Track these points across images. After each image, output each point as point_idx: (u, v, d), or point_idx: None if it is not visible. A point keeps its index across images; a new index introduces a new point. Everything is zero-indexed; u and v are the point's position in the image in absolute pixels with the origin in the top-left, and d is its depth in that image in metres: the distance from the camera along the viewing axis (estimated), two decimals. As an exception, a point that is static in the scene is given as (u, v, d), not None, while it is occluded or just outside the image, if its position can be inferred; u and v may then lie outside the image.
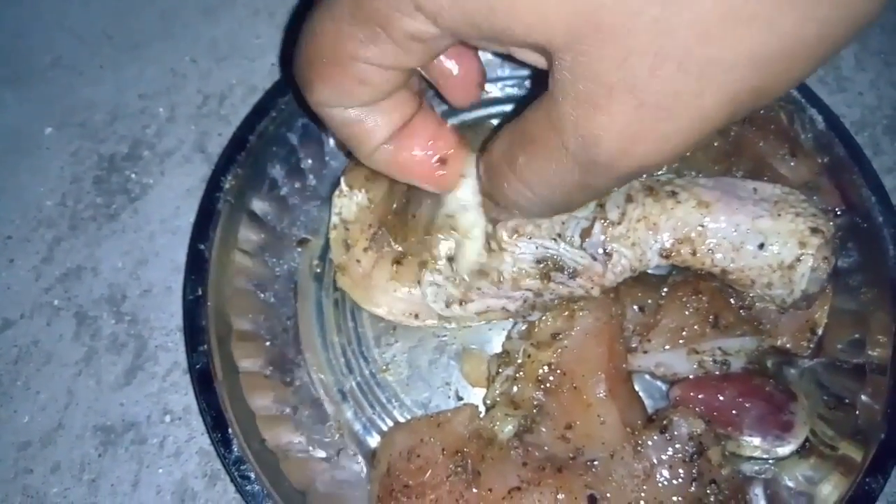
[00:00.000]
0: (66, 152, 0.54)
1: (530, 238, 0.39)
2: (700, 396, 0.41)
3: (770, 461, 0.42)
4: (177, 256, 0.50)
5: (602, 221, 0.39)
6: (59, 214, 0.52)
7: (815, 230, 0.37)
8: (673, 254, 0.39)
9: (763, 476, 0.42)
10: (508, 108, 0.53)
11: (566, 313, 0.41)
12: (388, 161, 0.36)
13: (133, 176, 0.53)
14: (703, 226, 0.38)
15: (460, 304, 0.42)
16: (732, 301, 0.42)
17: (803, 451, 0.41)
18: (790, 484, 0.42)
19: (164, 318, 0.49)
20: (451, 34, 0.28)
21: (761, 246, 0.37)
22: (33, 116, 0.55)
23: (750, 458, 0.42)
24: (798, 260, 0.38)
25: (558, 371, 0.40)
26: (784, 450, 0.41)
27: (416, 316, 0.45)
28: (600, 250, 0.39)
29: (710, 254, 0.38)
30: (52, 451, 0.46)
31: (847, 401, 0.42)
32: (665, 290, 0.42)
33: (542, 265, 0.40)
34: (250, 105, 0.48)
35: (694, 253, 0.38)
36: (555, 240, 0.39)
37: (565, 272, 0.39)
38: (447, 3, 0.26)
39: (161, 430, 0.46)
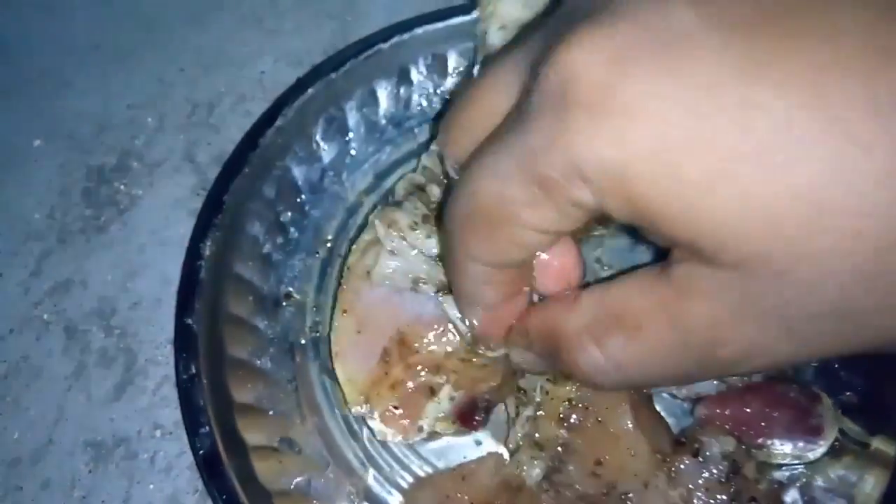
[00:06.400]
0: (54, 164, 0.54)
1: None
2: (727, 412, 0.39)
3: (802, 465, 0.40)
4: (166, 268, 0.49)
5: None
6: (47, 227, 0.52)
7: None
8: None
9: (797, 482, 0.40)
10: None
11: None
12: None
13: (122, 187, 0.53)
14: None
15: None
16: None
17: (834, 452, 0.40)
18: (825, 486, 0.40)
19: (153, 332, 0.48)
20: (607, 210, 0.27)
21: None
22: (21, 129, 0.55)
23: (781, 466, 0.40)
24: None
25: (580, 406, 0.38)
26: (815, 453, 0.40)
27: None
28: None
29: None
30: (42, 467, 0.45)
31: (872, 394, 0.41)
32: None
33: None
34: (239, 114, 0.48)
35: None
36: None
37: None
38: (610, 185, 0.25)
39: (152, 444, 0.46)
